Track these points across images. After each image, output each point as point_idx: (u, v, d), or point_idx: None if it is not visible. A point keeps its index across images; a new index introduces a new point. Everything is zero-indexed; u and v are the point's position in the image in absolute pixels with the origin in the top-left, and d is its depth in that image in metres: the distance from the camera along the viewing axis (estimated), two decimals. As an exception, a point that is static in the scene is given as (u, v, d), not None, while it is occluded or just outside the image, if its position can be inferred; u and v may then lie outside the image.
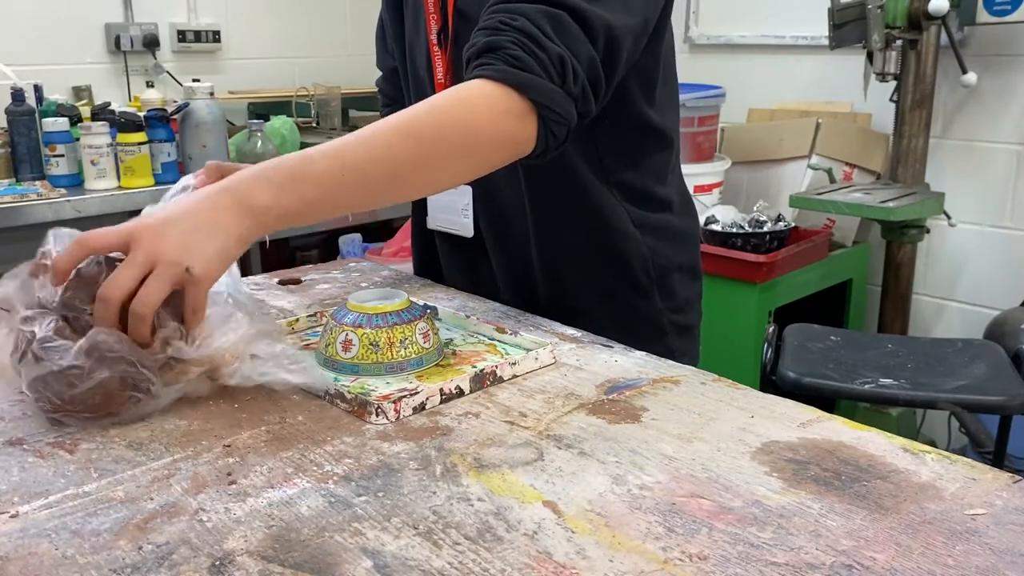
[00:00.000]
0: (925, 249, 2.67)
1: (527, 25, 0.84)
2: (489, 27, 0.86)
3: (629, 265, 1.09)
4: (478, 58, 0.86)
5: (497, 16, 0.86)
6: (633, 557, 0.57)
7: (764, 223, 2.43)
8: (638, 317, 1.11)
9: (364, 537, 0.59)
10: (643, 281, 1.10)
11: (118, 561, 0.57)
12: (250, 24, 3.34)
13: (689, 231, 1.17)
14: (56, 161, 2.51)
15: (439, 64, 1.09)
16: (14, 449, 0.73)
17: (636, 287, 1.10)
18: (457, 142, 0.84)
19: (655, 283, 1.11)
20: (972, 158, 2.61)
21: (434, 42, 1.08)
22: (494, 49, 0.85)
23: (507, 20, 0.85)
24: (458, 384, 0.83)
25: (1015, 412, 1.78)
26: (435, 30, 1.08)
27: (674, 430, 0.75)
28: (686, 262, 1.15)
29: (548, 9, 0.85)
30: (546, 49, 0.84)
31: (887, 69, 2.45)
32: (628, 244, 1.08)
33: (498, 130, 0.85)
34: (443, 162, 0.84)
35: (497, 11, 0.87)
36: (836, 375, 1.87)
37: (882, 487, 0.65)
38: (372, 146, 0.82)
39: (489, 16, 0.88)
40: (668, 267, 1.11)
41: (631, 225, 1.08)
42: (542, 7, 0.86)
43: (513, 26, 0.85)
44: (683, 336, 1.16)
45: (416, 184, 0.86)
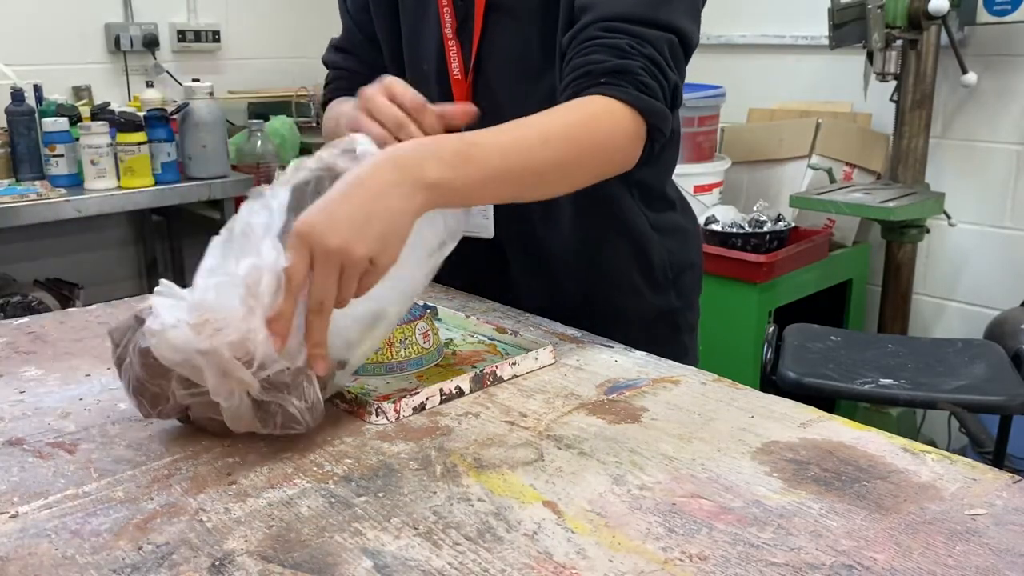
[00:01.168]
0: (925, 249, 2.67)
1: (654, 53, 0.90)
2: (617, 47, 0.90)
3: (651, 265, 1.11)
4: (606, 76, 0.89)
5: (624, 38, 0.90)
6: (633, 557, 0.57)
7: (764, 223, 2.43)
8: (658, 317, 1.14)
9: (364, 537, 0.59)
10: (662, 281, 1.12)
11: (118, 561, 0.57)
12: (250, 24, 3.34)
13: (692, 229, 1.19)
14: (56, 161, 2.51)
15: (455, 59, 1.06)
16: (14, 449, 0.73)
17: (656, 287, 1.12)
18: (593, 152, 0.89)
19: (672, 282, 1.13)
20: (972, 158, 2.61)
21: (449, 36, 1.06)
22: (624, 72, 0.89)
23: (635, 45, 0.90)
24: (458, 384, 0.83)
25: (1015, 412, 1.77)
26: (450, 24, 1.06)
27: (674, 430, 0.75)
28: (695, 260, 1.18)
29: (667, 36, 0.92)
30: (668, 78, 0.91)
31: (887, 69, 2.45)
32: (649, 245, 1.10)
33: (620, 147, 0.91)
34: (579, 168, 0.89)
35: (620, 31, 0.91)
36: (836, 375, 1.87)
37: (882, 487, 0.65)
38: (529, 140, 0.84)
39: (611, 34, 0.91)
40: (681, 266, 1.14)
41: (648, 227, 1.11)
42: (663, 34, 0.91)
43: (641, 52, 0.90)
44: (692, 333, 1.19)
45: (555, 184, 0.90)
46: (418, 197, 0.75)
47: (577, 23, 0.94)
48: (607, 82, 0.89)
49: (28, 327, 1.05)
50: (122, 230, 3.15)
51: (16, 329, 1.04)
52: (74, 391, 0.86)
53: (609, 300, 1.11)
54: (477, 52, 1.05)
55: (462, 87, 1.07)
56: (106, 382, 0.87)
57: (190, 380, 0.69)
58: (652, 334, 1.09)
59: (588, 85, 0.90)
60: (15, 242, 2.81)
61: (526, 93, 1.04)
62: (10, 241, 2.76)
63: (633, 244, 1.10)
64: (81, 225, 2.90)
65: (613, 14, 0.91)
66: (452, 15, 1.06)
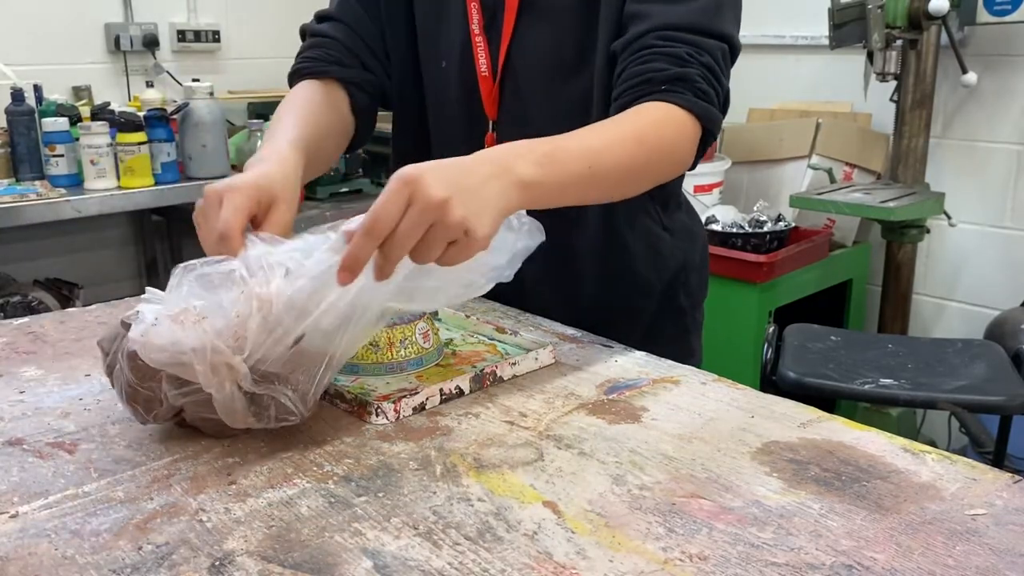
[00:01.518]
0: (925, 249, 2.67)
1: (710, 61, 0.94)
2: (677, 56, 0.92)
3: (664, 266, 1.11)
4: (666, 83, 0.92)
5: (683, 47, 0.93)
6: (633, 557, 0.57)
7: (764, 223, 2.43)
8: (669, 317, 1.14)
9: (364, 537, 0.59)
10: (673, 281, 1.13)
11: (118, 561, 0.57)
12: (250, 24, 3.34)
13: (697, 229, 1.20)
14: (56, 161, 2.51)
15: (482, 56, 1.05)
16: (14, 449, 0.73)
17: (668, 288, 1.12)
18: (662, 155, 0.92)
19: (682, 283, 1.14)
20: (972, 158, 2.61)
21: (476, 32, 1.05)
22: (684, 80, 0.92)
23: (693, 53, 0.93)
24: (458, 384, 0.83)
25: (1015, 412, 1.77)
26: (478, 20, 1.05)
27: (674, 430, 0.75)
28: (702, 261, 1.19)
29: (721, 44, 0.95)
30: (722, 84, 0.95)
31: (887, 69, 2.45)
32: (662, 245, 1.11)
33: (683, 150, 0.94)
34: (651, 171, 0.92)
35: (679, 40, 0.93)
36: (836, 375, 1.87)
37: (882, 487, 0.65)
38: (610, 144, 0.87)
39: (670, 43, 0.93)
40: (690, 266, 1.15)
41: (662, 228, 1.11)
42: (717, 42, 0.95)
43: (699, 60, 0.93)
44: (698, 334, 1.19)
45: (631, 187, 0.93)
46: (512, 195, 0.76)
47: (628, 31, 0.96)
48: (668, 89, 0.91)
49: (28, 327, 1.05)
50: (122, 230, 3.15)
51: (16, 329, 1.04)
52: (74, 391, 0.86)
53: (623, 301, 1.11)
54: (507, 50, 1.04)
55: (488, 84, 1.06)
56: (106, 382, 0.87)
57: (180, 379, 0.69)
58: (663, 335, 1.10)
59: (648, 92, 0.92)
60: (15, 242, 2.81)
61: (556, 93, 1.04)
62: (10, 241, 2.76)
63: (648, 245, 1.10)
64: (81, 225, 2.90)
65: (670, 23, 0.94)
66: (480, 11, 1.05)
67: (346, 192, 3.05)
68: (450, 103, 1.10)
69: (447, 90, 1.10)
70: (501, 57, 1.05)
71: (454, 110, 1.10)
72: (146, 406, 0.72)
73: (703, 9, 0.94)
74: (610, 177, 0.87)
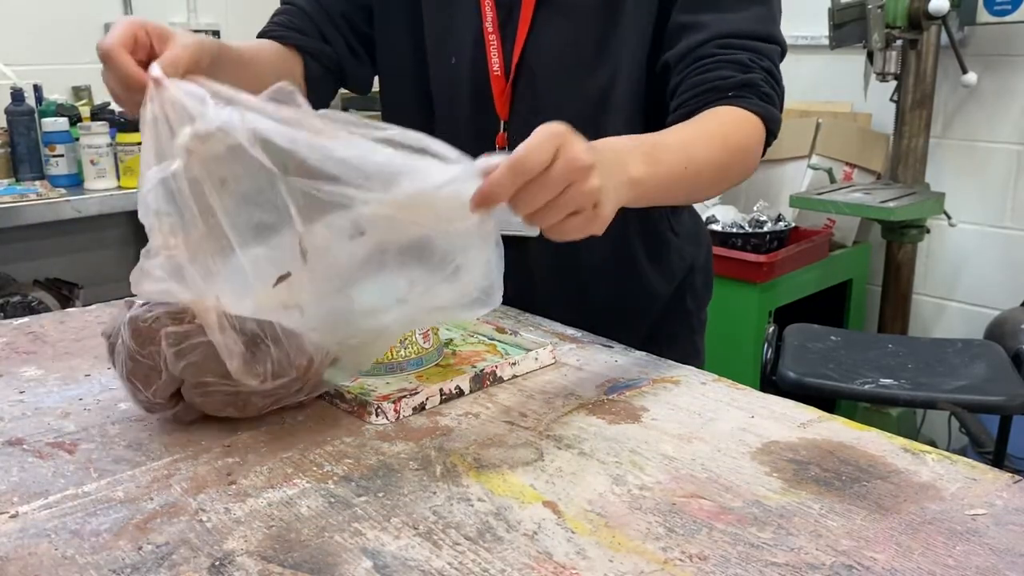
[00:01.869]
0: (925, 249, 2.67)
1: (770, 66, 0.97)
2: (739, 62, 0.95)
3: (670, 268, 1.11)
4: (733, 90, 0.94)
5: (744, 54, 0.96)
6: (633, 557, 0.57)
7: (764, 223, 2.43)
8: (674, 319, 1.14)
9: (364, 537, 0.59)
10: (679, 283, 1.13)
11: (118, 561, 0.57)
12: (250, 24, 3.31)
13: (700, 228, 1.20)
14: (56, 161, 2.51)
15: (495, 54, 1.04)
16: (14, 449, 0.73)
17: (674, 289, 1.12)
18: (742, 156, 0.94)
19: (688, 284, 1.14)
20: (972, 158, 2.61)
21: (490, 30, 1.04)
22: (751, 85, 0.95)
23: (755, 59, 0.96)
24: (458, 384, 0.83)
25: (1015, 412, 1.77)
26: (491, 17, 1.03)
27: (674, 430, 0.75)
28: (707, 262, 1.19)
29: (776, 48, 0.99)
30: (781, 87, 0.99)
31: (887, 69, 2.45)
32: (669, 247, 1.11)
33: (754, 151, 0.96)
34: (733, 172, 0.95)
35: (739, 47, 0.96)
36: (836, 375, 1.87)
37: (882, 487, 0.65)
38: (705, 146, 0.89)
39: (731, 51, 0.95)
40: (695, 267, 1.15)
41: (669, 229, 1.11)
42: (773, 47, 0.98)
43: (761, 66, 0.96)
44: (702, 334, 1.19)
45: (716, 188, 0.96)
46: (623, 192, 0.76)
47: (681, 42, 0.97)
48: (736, 95, 0.94)
49: (28, 327, 1.05)
50: (122, 230, 3.15)
51: (16, 329, 1.04)
52: (74, 391, 0.86)
53: (630, 305, 1.10)
54: (522, 49, 1.03)
55: (501, 84, 1.05)
56: (106, 382, 0.87)
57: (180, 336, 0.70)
58: (668, 336, 1.11)
59: (716, 99, 0.94)
60: (15, 242, 2.81)
61: (571, 93, 1.03)
62: (10, 241, 2.76)
63: (656, 248, 1.10)
64: (81, 225, 2.90)
65: (728, 31, 0.96)
66: (493, 8, 1.03)
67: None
68: (460, 101, 1.08)
69: (457, 87, 1.08)
70: (515, 56, 1.03)
71: (464, 108, 1.08)
72: (145, 381, 0.72)
73: (758, 17, 0.98)
74: (702, 177, 0.88)
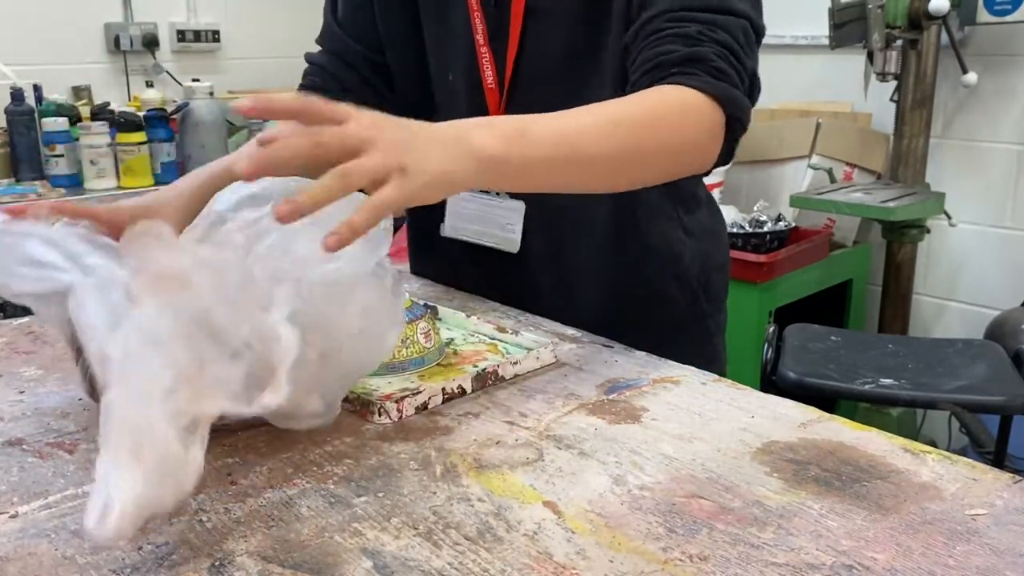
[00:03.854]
0: (925, 249, 2.67)
1: (727, 38, 0.85)
2: (687, 35, 0.85)
3: (683, 272, 1.08)
4: (677, 65, 0.84)
5: (693, 26, 0.85)
6: (633, 557, 0.57)
7: (764, 223, 2.43)
8: (690, 323, 1.10)
9: (364, 537, 0.59)
10: (694, 287, 1.09)
11: (118, 561, 0.57)
12: (250, 24, 3.34)
13: (719, 226, 1.16)
14: (56, 161, 2.52)
15: (488, 68, 1.02)
16: (14, 449, 0.73)
17: (688, 293, 1.09)
18: (668, 143, 0.82)
19: (703, 287, 1.10)
20: (972, 158, 2.61)
21: (481, 43, 1.02)
22: (698, 60, 0.84)
23: (707, 32, 0.85)
24: (460, 384, 0.83)
25: (1015, 412, 1.78)
26: (482, 30, 1.01)
27: (674, 430, 0.75)
28: (723, 261, 1.15)
29: (741, 21, 0.87)
30: (743, 63, 0.86)
31: (887, 69, 2.45)
32: (682, 250, 1.07)
33: (700, 140, 0.84)
34: (652, 160, 0.83)
35: (689, 19, 0.86)
36: (836, 375, 1.87)
37: (882, 487, 0.65)
38: (594, 126, 0.78)
39: (679, 23, 0.86)
40: (711, 269, 1.11)
41: (682, 231, 1.07)
42: (736, 19, 0.86)
43: (714, 38, 0.85)
44: (721, 336, 1.15)
45: (624, 176, 0.83)
46: (469, 163, 0.69)
47: (638, 20, 0.90)
48: (679, 71, 0.83)
49: (28, 327, 1.05)
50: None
51: (16, 329, 1.04)
52: (74, 391, 0.85)
53: (641, 310, 1.07)
54: (514, 60, 1.01)
55: (495, 97, 1.03)
56: (106, 382, 0.87)
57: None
58: (684, 341, 1.05)
59: (660, 77, 0.84)
60: (15, 242, 2.81)
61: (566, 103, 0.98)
62: (10, 241, 2.76)
63: (666, 251, 1.06)
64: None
65: (681, 4, 0.87)
66: (483, 20, 1.01)
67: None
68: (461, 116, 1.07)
69: (456, 102, 1.07)
70: (508, 68, 1.01)
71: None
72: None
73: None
74: (595, 163, 0.78)
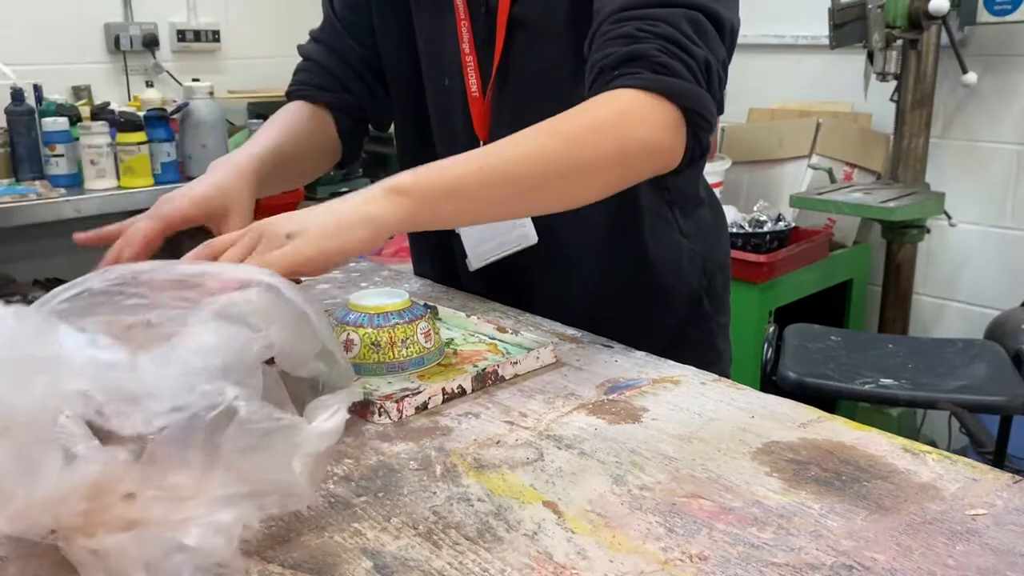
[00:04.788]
0: (925, 249, 2.67)
1: (669, 31, 0.81)
2: (626, 35, 0.82)
3: (684, 274, 1.07)
4: (618, 67, 0.81)
5: (632, 24, 0.82)
6: (633, 557, 0.57)
7: (764, 223, 2.43)
8: (692, 324, 1.09)
9: (364, 537, 0.59)
10: (695, 288, 1.08)
11: (118, 561, 0.57)
12: (250, 24, 3.34)
13: (720, 225, 1.15)
14: (56, 161, 2.51)
15: (472, 76, 1.02)
16: (14, 449, 0.73)
17: (690, 295, 1.08)
18: (609, 150, 0.79)
19: (705, 288, 1.09)
20: (972, 158, 2.61)
21: (467, 51, 1.01)
22: (638, 58, 0.80)
23: (646, 27, 0.81)
24: (460, 383, 0.83)
25: (1015, 412, 1.78)
26: (468, 38, 1.01)
27: (674, 430, 0.75)
28: (725, 259, 1.14)
29: (686, 12, 0.82)
30: (692, 54, 0.81)
31: (887, 69, 2.45)
32: (682, 253, 1.06)
33: (650, 140, 0.80)
34: (592, 171, 0.80)
35: (628, 19, 0.83)
36: (836, 375, 1.87)
37: (883, 487, 0.65)
38: (518, 144, 0.77)
39: (618, 24, 0.83)
40: (712, 269, 1.10)
41: (680, 234, 1.06)
42: (679, 10, 0.82)
43: (655, 32, 0.81)
44: (724, 335, 1.14)
45: (560, 192, 0.81)
46: (381, 201, 0.73)
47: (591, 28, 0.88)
48: (620, 73, 0.81)
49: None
50: (122, 230, 3.15)
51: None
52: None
53: (641, 315, 1.06)
54: (498, 69, 1.01)
55: (479, 105, 1.03)
56: (106, 382, 0.87)
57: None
58: (687, 342, 1.05)
59: (605, 81, 0.82)
60: (15, 242, 2.80)
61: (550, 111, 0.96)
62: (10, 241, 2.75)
63: (665, 254, 1.05)
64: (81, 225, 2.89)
65: (621, 5, 0.84)
66: (470, 29, 1.01)
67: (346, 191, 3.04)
68: (454, 121, 1.07)
69: (446, 109, 1.07)
70: (492, 76, 1.01)
71: (456, 130, 1.07)
72: None
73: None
74: (524, 180, 0.77)
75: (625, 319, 1.04)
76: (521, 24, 0.98)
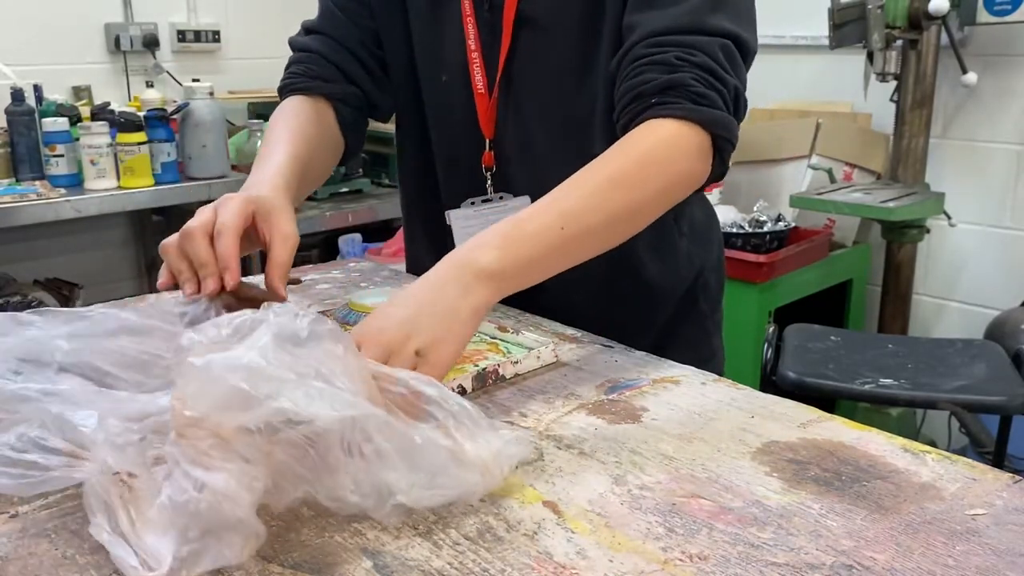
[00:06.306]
0: (925, 249, 2.67)
1: (707, 61, 0.85)
2: (665, 63, 0.85)
3: (679, 274, 1.08)
4: (656, 95, 0.85)
5: (671, 51, 0.86)
6: (633, 557, 0.57)
7: (764, 223, 2.43)
8: (688, 323, 1.10)
9: (364, 537, 0.59)
10: (691, 287, 1.09)
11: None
12: (250, 24, 3.34)
13: (714, 225, 1.16)
14: (56, 161, 2.51)
15: (478, 73, 1.02)
16: (14, 449, 0.73)
17: (685, 294, 1.09)
18: (661, 187, 0.85)
19: (701, 288, 1.10)
20: (972, 158, 2.61)
21: (472, 49, 1.02)
22: (677, 86, 0.85)
23: (685, 56, 0.85)
24: (460, 383, 0.83)
25: (1015, 412, 1.78)
26: (474, 36, 1.01)
27: (674, 430, 0.75)
28: (718, 259, 1.15)
29: (721, 41, 0.87)
30: (725, 83, 0.86)
31: (887, 69, 2.45)
32: (678, 253, 1.07)
33: (691, 171, 0.86)
34: (649, 207, 0.85)
35: (665, 44, 0.87)
36: (836, 375, 1.87)
37: (882, 487, 0.65)
38: (587, 197, 0.81)
39: (656, 49, 0.87)
40: (706, 268, 1.11)
41: (677, 234, 1.07)
42: (714, 39, 0.86)
43: (693, 62, 0.85)
44: (718, 334, 1.16)
45: (627, 231, 0.86)
46: (479, 289, 0.74)
47: (622, 47, 0.90)
48: (659, 102, 0.85)
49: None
50: (122, 230, 3.15)
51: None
52: (74, 391, 0.85)
53: (638, 314, 1.07)
54: (504, 67, 1.01)
55: (485, 102, 1.03)
56: (106, 382, 0.87)
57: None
58: (682, 340, 1.06)
59: (642, 109, 0.86)
60: (15, 242, 2.81)
61: (555, 111, 1.00)
62: (10, 241, 2.76)
63: (663, 253, 1.06)
64: (81, 225, 2.90)
65: (659, 29, 0.87)
66: (476, 27, 1.01)
67: (346, 192, 3.05)
68: (453, 119, 1.07)
69: (447, 105, 1.07)
70: (498, 74, 1.01)
71: (456, 127, 1.06)
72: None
73: (693, 9, 0.87)
74: (596, 232, 0.82)
75: (621, 318, 1.05)
76: (528, 22, 0.99)
